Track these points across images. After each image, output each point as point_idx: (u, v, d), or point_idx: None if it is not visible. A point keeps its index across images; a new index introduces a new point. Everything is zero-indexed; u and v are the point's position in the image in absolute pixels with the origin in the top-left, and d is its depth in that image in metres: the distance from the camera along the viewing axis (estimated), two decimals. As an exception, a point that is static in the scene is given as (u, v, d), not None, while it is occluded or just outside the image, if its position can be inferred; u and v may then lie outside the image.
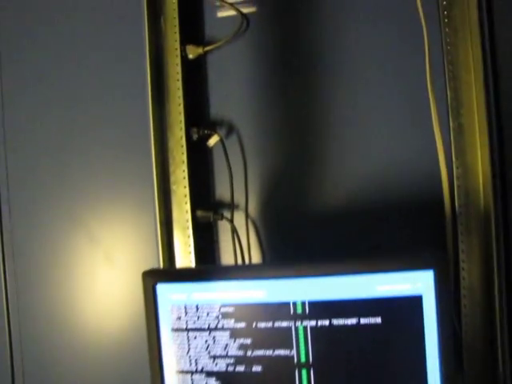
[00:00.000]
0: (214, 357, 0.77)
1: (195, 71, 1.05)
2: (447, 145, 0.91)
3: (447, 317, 0.71)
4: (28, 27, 1.13)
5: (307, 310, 0.74)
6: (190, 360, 0.78)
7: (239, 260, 1.00)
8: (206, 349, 0.78)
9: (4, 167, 1.14)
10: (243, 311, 0.76)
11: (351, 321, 0.73)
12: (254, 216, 1.03)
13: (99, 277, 1.10)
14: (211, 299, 0.77)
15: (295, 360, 0.75)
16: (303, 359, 0.75)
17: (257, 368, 0.76)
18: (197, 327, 0.77)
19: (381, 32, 0.97)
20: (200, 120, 1.04)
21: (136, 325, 1.03)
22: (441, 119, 0.91)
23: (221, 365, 0.77)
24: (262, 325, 0.75)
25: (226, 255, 1.04)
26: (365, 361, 0.74)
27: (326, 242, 0.98)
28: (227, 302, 0.76)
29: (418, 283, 0.71)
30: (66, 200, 1.11)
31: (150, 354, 0.78)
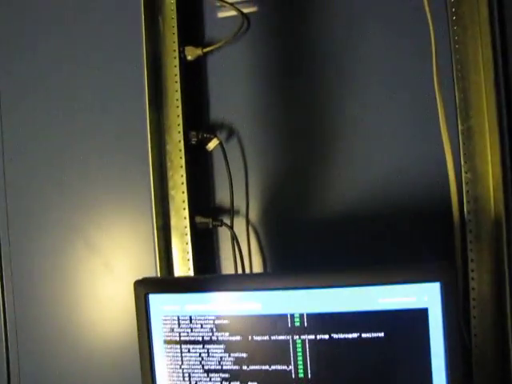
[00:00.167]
0: (208, 371, 0.75)
1: (194, 73, 1.04)
2: (455, 148, 0.89)
3: (455, 331, 0.68)
4: (26, 29, 1.13)
5: (305, 323, 0.72)
6: (184, 374, 0.76)
7: (239, 268, 0.98)
8: (200, 362, 0.75)
9: (2, 175, 1.13)
10: (238, 324, 0.74)
11: (352, 335, 0.70)
12: (255, 222, 1.02)
13: (98, 284, 1.09)
14: (205, 311, 0.75)
15: (293, 375, 0.72)
16: (301, 375, 0.72)
17: (253, 383, 0.74)
18: (190, 340, 0.75)
19: (385, 31, 0.95)
20: (199, 123, 1.03)
21: (134, 334, 1.01)
22: (449, 122, 0.89)
23: (215, 379, 0.75)
24: (259, 338, 0.73)
25: (227, 263, 1.02)
26: (366, 377, 0.71)
27: (330, 249, 0.96)
28: (222, 314, 0.74)
29: (424, 296, 0.68)
30: (64, 207, 1.10)
31: (142, 367, 0.76)
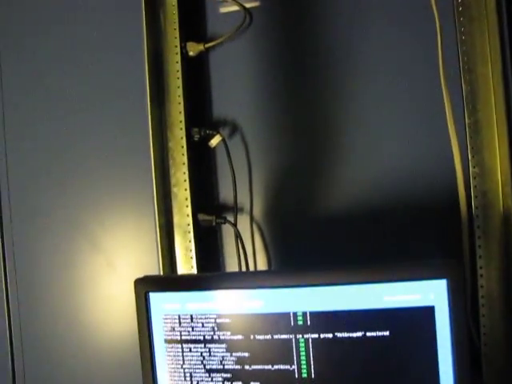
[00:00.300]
0: (210, 371, 0.74)
1: (196, 69, 1.02)
2: (463, 142, 0.86)
3: (462, 329, 0.66)
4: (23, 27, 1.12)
5: (309, 322, 0.70)
6: (185, 374, 0.74)
7: (243, 266, 0.97)
8: (202, 362, 0.74)
9: (5, 174, 1.13)
10: (240, 322, 0.72)
11: (356, 334, 0.68)
12: (259, 219, 1.01)
13: (101, 283, 1.08)
14: (206, 309, 0.73)
15: (296, 375, 0.71)
16: (304, 374, 0.71)
17: (255, 383, 0.72)
18: (191, 339, 0.74)
19: (390, 24, 0.93)
20: (201, 119, 1.02)
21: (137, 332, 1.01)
22: (456, 115, 0.87)
23: (217, 379, 0.74)
24: (261, 337, 0.72)
25: (231, 260, 1.01)
26: (371, 377, 0.69)
27: (337, 245, 0.95)
28: (223, 313, 0.73)
29: (430, 293, 0.66)
30: (67, 206, 1.09)
31: (143, 367, 0.75)
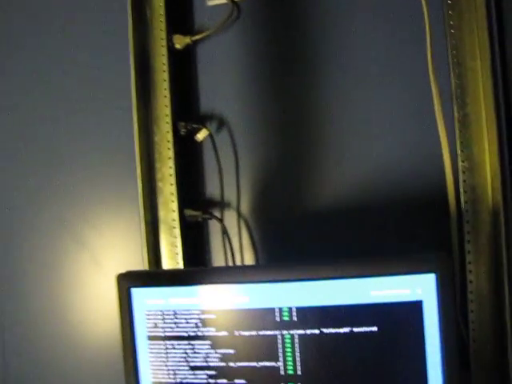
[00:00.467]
0: (194, 368, 0.73)
1: (183, 62, 1.01)
2: (452, 137, 0.86)
3: (451, 325, 0.66)
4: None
5: (294, 317, 0.69)
6: (168, 371, 0.73)
7: (230, 262, 0.96)
8: (185, 359, 0.73)
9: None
10: (225, 318, 0.71)
11: (343, 329, 0.68)
12: (247, 215, 1.00)
13: (86, 280, 1.07)
14: (190, 304, 0.72)
15: (282, 372, 0.70)
16: (290, 371, 0.70)
17: (240, 380, 0.71)
18: (175, 335, 0.73)
19: (378, 17, 0.93)
20: (188, 113, 1.01)
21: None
22: (444, 109, 0.86)
23: (201, 377, 0.73)
24: (246, 333, 0.70)
25: (218, 257, 1.00)
26: (359, 373, 0.68)
27: (325, 241, 0.94)
28: (207, 308, 0.72)
29: (418, 288, 0.66)
30: (52, 203, 1.08)
31: (125, 364, 0.74)
